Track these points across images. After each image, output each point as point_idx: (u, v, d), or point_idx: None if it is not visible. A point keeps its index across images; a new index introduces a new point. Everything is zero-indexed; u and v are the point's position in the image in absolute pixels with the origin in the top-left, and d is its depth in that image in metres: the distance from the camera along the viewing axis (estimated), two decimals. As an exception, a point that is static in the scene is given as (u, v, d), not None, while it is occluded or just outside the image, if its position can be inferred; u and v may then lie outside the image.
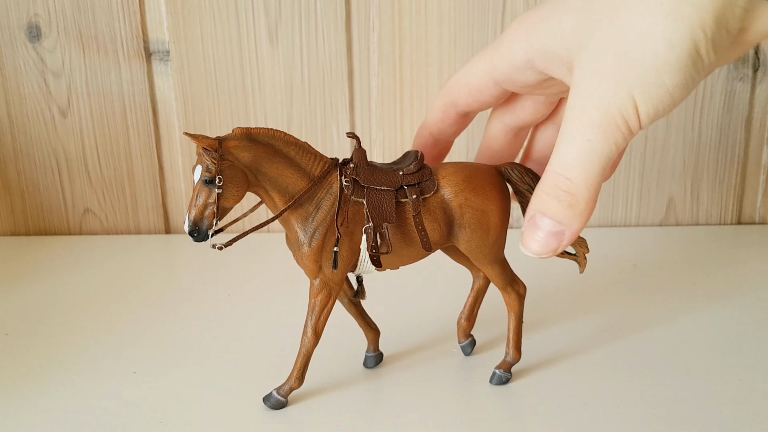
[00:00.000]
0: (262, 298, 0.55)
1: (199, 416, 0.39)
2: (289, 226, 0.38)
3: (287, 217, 0.37)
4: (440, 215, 0.38)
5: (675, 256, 0.63)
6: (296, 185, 0.37)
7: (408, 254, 0.39)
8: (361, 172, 0.37)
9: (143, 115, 0.68)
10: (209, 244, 0.36)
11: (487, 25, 0.66)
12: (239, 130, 0.35)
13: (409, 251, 0.38)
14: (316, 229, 0.37)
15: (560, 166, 0.30)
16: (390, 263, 0.39)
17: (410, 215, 0.38)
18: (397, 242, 0.38)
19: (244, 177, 0.35)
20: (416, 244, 0.38)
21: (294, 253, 0.38)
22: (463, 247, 0.39)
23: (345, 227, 0.37)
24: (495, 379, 0.42)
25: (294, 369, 0.39)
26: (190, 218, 0.35)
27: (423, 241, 0.38)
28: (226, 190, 0.35)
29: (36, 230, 0.72)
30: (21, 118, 0.68)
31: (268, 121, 0.68)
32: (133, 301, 0.55)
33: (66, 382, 0.43)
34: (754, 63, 0.67)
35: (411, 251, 0.38)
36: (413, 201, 0.37)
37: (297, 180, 0.37)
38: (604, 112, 0.28)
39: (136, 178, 0.70)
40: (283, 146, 0.36)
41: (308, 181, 0.37)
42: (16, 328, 0.50)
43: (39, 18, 0.66)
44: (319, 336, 0.39)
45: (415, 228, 0.37)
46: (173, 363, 0.45)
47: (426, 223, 0.38)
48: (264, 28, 0.66)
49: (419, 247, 0.38)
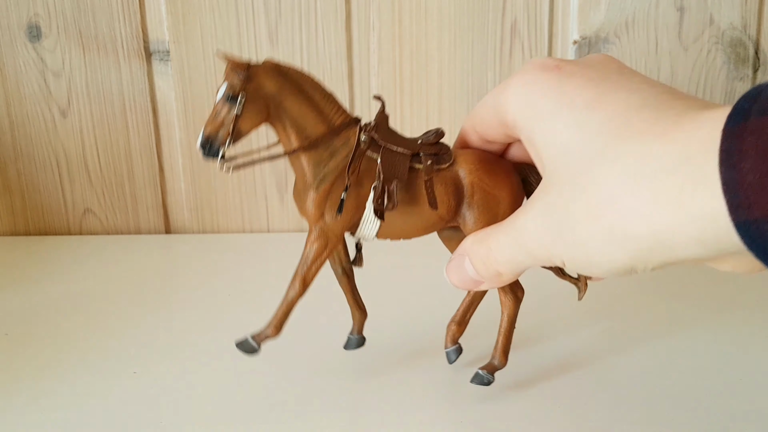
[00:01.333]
0: (262, 298, 0.55)
1: (199, 416, 0.39)
2: (299, 167, 0.37)
3: (299, 158, 0.37)
4: (451, 189, 0.37)
5: (675, 256, 0.63)
6: (315, 129, 0.36)
7: (412, 223, 0.38)
8: (381, 132, 0.37)
9: (143, 115, 0.68)
10: (217, 168, 0.35)
11: (487, 26, 0.66)
12: (270, 62, 0.35)
13: (413, 220, 0.38)
14: (326, 176, 0.36)
15: (497, 245, 0.33)
16: (391, 229, 0.38)
17: (422, 182, 0.37)
18: (404, 206, 0.37)
19: (264, 105, 0.35)
20: (422, 214, 0.37)
21: (298, 200, 0.38)
22: (468, 229, 0.38)
23: (355, 178, 0.36)
24: (476, 378, 0.40)
25: (273, 317, 0.38)
26: (205, 133, 0.35)
27: (430, 199, 0.37)
28: (245, 112, 0.34)
29: (36, 230, 0.71)
30: (21, 118, 0.68)
31: (268, 121, 0.68)
32: (134, 301, 0.55)
33: (66, 382, 0.43)
34: (754, 63, 0.67)
35: (416, 220, 0.38)
36: (427, 167, 0.37)
37: (317, 124, 0.36)
38: (537, 248, 0.31)
39: (136, 178, 0.70)
40: (310, 88, 0.36)
41: (327, 129, 0.36)
42: (16, 328, 0.50)
43: (39, 18, 0.66)
44: (307, 287, 0.38)
45: (425, 190, 0.37)
46: (173, 363, 0.45)
47: (436, 192, 0.37)
48: (264, 28, 0.66)
49: (425, 218, 0.37)
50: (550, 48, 0.66)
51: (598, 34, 0.66)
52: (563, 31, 0.66)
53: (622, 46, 0.66)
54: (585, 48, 0.66)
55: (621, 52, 0.66)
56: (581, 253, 0.28)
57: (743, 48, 0.66)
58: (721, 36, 0.66)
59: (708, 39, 0.66)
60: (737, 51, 0.66)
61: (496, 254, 0.33)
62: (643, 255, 0.27)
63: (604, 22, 0.66)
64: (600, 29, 0.66)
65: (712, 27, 0.66)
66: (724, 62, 0.66)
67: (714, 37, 0.66)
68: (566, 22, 0.66)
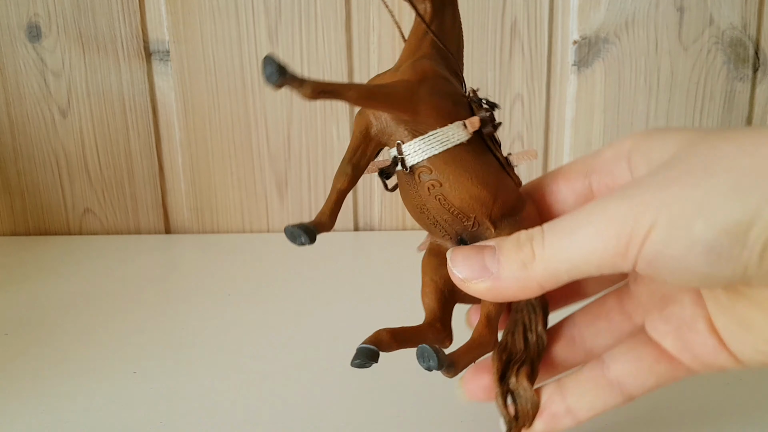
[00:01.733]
0: (262, 298, 0.55)
1: (199, 416, 0.39)
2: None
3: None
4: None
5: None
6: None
7: (463, 182, 0.29)
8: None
9: (143, 115, 0.68)
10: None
11: (487, 26, 0.66)
12: None
13: (464, 180, 0.29)
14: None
15: (558, 242, 0.26)
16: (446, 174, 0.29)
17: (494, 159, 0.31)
18: (470, 159, 0.29)
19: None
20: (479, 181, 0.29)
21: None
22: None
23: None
24: (418, 351, 0.29)
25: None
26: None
27: (500, 160, 0.31)
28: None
29: (36, 230, 0.71)
30: (21, 118, 0.68)
31: (268, 121, 0.68)
32: (133, 301, 0.55)
33: (66, 382, 0.43)
34: (754, 63, 0.67)
35: (467, 183, 0.29)
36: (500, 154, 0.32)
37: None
38: (621, 222, 0.25)
39: (136, 178, 0.70)
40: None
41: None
42: (16, 328, 0.50)
43: (39, 18, 0.66)
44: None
45: (496, 156, 0.31)
46: (173, 363, 0.45)
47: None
48: (264, 28, 0.66)
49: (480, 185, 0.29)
50: (550, 48, 0.66)
51: (598, 34, 0.66)
52: (563, 31, 0.66)
53: (622, 46, 0.66)
54: (585, 48, 0.66)
55: (621, 52, 0.66)
56: (690, 204, 0.23)
57: (743, 48, 0.66)
58: (721, 36, 0.66)
59: (708, 39, 0.66)
60: (737, 51, 0.66)
61: (551, 253, 0.26)
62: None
63: (604, 22, 0.66)
64: (600, 29, 0.66)
65: (712, 27, 0.66)
66: (724, 62, 0.66)
67: (714, 37, 0.66)
68: (566, 22, 0.66)
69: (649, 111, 0.68)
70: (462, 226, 0.30)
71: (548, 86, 0.67)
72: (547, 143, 0.69)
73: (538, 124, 0.68)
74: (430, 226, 0.31)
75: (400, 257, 0.61)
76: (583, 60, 0.67)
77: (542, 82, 0.67)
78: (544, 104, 0.68)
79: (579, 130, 0.69)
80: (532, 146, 0.69)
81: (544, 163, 0.69)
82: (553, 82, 0.67)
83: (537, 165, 0.69)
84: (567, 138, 0.69)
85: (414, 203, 0.30)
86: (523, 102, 0.68)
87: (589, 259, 0.25)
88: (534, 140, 0.69)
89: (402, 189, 0.31)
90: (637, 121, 0.68)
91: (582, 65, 0.67)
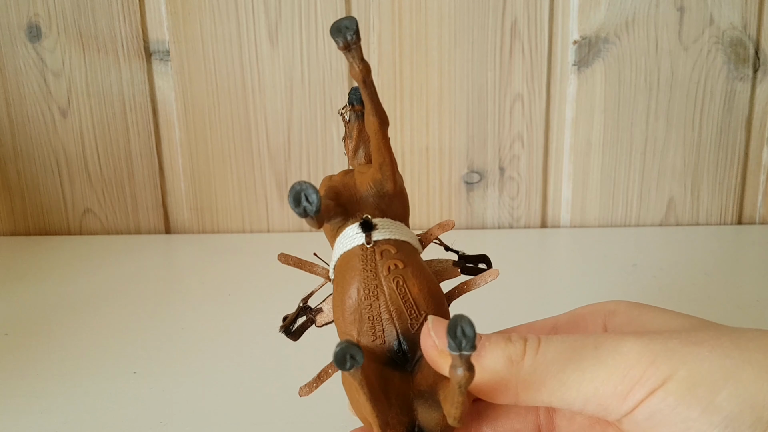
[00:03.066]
0: (262, 298, 0.55)
1: (199, 416, 0.39)
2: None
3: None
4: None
5: (675, 256, 0.63)
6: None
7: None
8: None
9: (143, 115, 0.68)
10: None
11: (487, 26, 0.66)
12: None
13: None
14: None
15: (550, 349, 0.24)
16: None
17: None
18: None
19: None
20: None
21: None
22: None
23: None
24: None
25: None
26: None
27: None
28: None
29: (36, 230, 0.72)
30: (21, 118, 0.68)
31: (268, 121, 0.68)
32: (133, 301, 0.55)
33: (66, 382, 0.43)
34: (754, 63, 0.67)
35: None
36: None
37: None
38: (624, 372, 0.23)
39: (136, 178, 0.70)
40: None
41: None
42: (16, 328, 0.50)
43: (39, 18, 0.66)
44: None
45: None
46: (173, 363, 0.45)
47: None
48: (264, 28, 0.66)
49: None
50: (550, 48, 0.66)
51: (598, 34, 0.66)
52: (563, 31, 0.66)
53: (622, 46, 0.66)
54: (585, 48, 0.66)
55: (621, 52, 0.66)
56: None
57: (743, 48, 0.66)
58: (721, 36, 0.66)
59: (708, 39, 0.66)
60: (737, 51, 0.66)
61: (544, 363, 0.23)
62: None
63: (604, 22, 0.66)
64: (600, 29, 0.66)
65: (712, 27, 0.66)
66: (724, 62, 0.66)
67: (714, 37, 0.66)
68: (566, 22, 0.66)
69: (649, 111, 0.68)
70: (406, 325, 0.27)
71: (548, 86, 0.67)
72: (547, 143, 0.69)
73: (538, 124, 0.68)
74: (367, 321, 0.27)
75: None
76: (583, 60, 0.67)
77: (542, 82, 0.67)
78: (544, 104, 0.68)
79: (579, 130, 0.69)
80: (532, 146, 0.69)
81: (544, 163, 0.69)
82: (553, 82, 0.67)
83: (537, 165, 0.69)
84: (567, 138, 0.69)
85: (366, 286, 0.27)
86: (523, 102, 0.68)
87: (584, 396, 0.23)
88: (534, 140, 0.69)
89: (348, 274, 0.28)
90: (637, 121, 0.68)
91: (582, 65, 0.67)
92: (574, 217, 0.71)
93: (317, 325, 0.31)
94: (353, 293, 0.27)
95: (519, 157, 0.69)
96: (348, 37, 0.25)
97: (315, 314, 0.31)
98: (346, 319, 0.27)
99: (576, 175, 0.70)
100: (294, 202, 0.24)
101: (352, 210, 0.29)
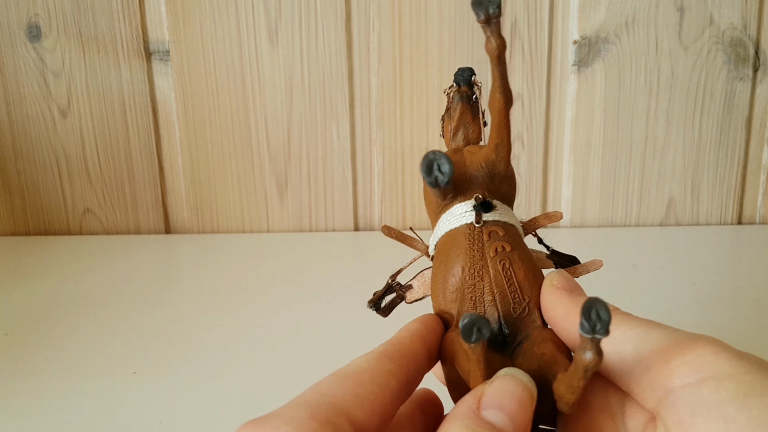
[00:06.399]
0: (262, 298, 0.55)
1: (199, 416, 0.39)
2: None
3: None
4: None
5: (675, 256, 0.63)
6: None
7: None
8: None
9: (143, 115, 0.68)
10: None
11: (487, 25, 0.66)
12: None
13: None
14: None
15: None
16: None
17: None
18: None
19: None
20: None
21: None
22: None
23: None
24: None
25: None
26: None
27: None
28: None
29: (36, 230, 0.72)
30: (21, 118, 0.68)
31: (268, 121, 0.68)
32: (133, 301, 0.55)
33: (66, 382, 0.43)
34: (754, 63, 0.67)
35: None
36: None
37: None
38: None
39: (136, 178, 0.70)
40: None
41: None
42: (16, 328, 0.50)
43: (39, 18, 0.66)
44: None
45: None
46: (173, 363, 0.45)
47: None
48: (264, 28, 0.66)
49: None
50: (550, 48, 0.66)
51: (598, 34, 0.66)
52: (563, 31, 0.66)
53: (622, 46, 0.66)
54: (585, 48, 0.66)
55: (621, 52, 0.66)
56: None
57: (743, 48, 0.66)
58: (721, 36, 0.66)
59: (708, 39, 0.66)
60: (737, 51, 0.66)
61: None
62: None
63: (604, 22, 0.66)
64: (600, 29, 0.66)
65: (712, 27, 0.66)
66: (724, 62, 0.66)
67: (714, 37, 0.66)
68: (566, 22, 0.66)
69: (649, 111, 0.68)
70: (509, 308, 0.26)
71: (548, 86, 0.67)
72: (547, 143, 0.69)
73: (538, 124, 0.68)
74: (469, 301, 0.26)
75: (400, 257, 0.61)
76: (583, 60, 0.67)
77: (542, 82, 0.67)
78: (544, 104, 0.68)
79: (579, 130, 0.69)
80: (532, 146, 0.69)
81: (545, 163, 0.69)
82: (553, 82, 0.67)
83: (537, 165, 0.69)
84: (567, 138, 0.69)
85: (472, 265, 0.26)
86: (523, 102, 0.68)
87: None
88: (534, 140, 0.69)
89: (453, 252, 0.27)
90: (637, 121, 0.68)
91: (582, 65, 0.67)
92: (574, 217, 0.71)
93: (407, 301, 0.30)
94: (457, 271, 0.27)
95: (519, 157, 0.69)
96: (490, 11, 0.24)
97: (405, 291, 0.31)
98: (447, 297, 0.27)
99: (576, 175, 0.70)
100: (426, 171, 0.24)
101: (461, 188, 0.28)
